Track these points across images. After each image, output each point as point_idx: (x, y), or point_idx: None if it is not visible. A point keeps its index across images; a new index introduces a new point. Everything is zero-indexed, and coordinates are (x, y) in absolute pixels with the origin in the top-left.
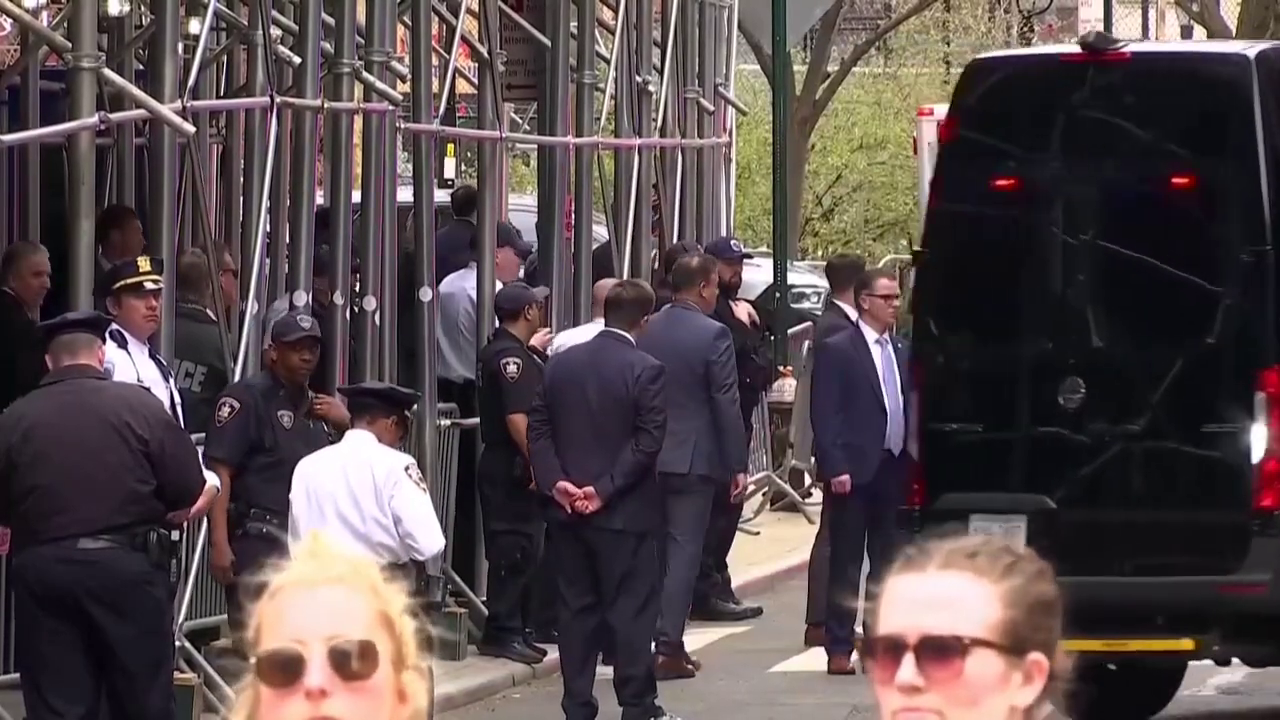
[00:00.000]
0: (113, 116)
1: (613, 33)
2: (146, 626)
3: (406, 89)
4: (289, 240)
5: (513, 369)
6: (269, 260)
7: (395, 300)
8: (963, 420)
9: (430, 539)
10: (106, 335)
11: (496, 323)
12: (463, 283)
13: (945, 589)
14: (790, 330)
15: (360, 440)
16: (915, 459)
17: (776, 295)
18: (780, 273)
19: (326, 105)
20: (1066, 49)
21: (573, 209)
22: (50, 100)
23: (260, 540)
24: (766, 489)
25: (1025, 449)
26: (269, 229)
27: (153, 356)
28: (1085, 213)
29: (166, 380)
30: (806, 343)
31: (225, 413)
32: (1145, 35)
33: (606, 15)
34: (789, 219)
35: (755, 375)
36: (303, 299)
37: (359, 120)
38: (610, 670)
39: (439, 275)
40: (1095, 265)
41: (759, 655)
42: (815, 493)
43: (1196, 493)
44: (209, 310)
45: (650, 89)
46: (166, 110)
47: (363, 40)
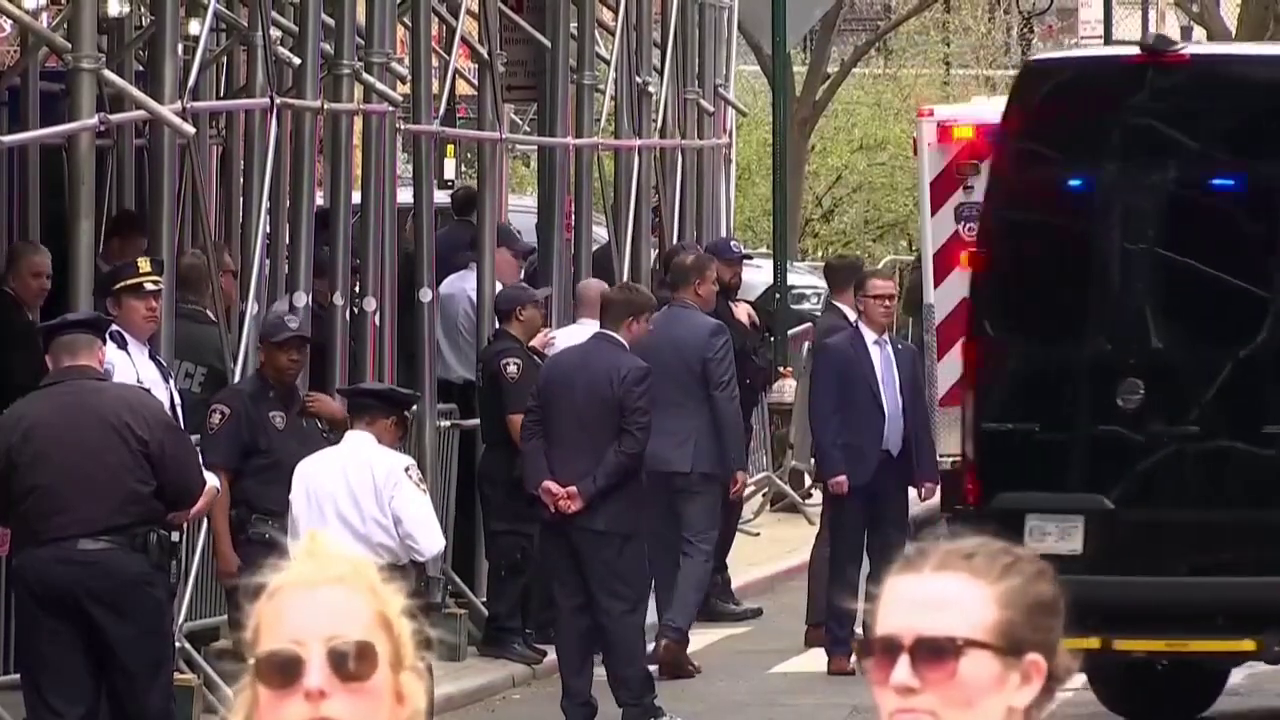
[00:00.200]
0: (113, 117)
1: (613, 33)
2: (146, 627)
3: (406, 90)
4: (289, 241)
5: (513, 369)
6: (269, 261)
7: (395, 301)
8: (1019, 420)
9: (430, 540)
10: (106, 336)
11: (496, 323)
12: (462, 283)
13: (941, 590)
14: (790, 331)
15: (360, 441)
16: (970, 459)
17: (776, 296)
18: (780, 273)
19: (326, 106)
20: (1126, 51)
21: (573, 210)
22: (50, 101)
23: (262, 545)
24: (766, 490)
25: (1083, 449)
26: (269, 230)
27: (153, 357)
28: (1143, 214)
29: (166, 381)
30: (806, 344)
31: (216, 419)
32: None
33: (606, 16)
34: (789, 220)
35: (755, 376)
36: (303, 300)
37: (359, 121)
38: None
39: (439, 276)
40: (1154, 267)
41: (759, 656)
42: (815, 494)
43: (1256, 493)
44: (209, 311)
45: (650, 90)
46: (166, 111)
47: (363, 41)
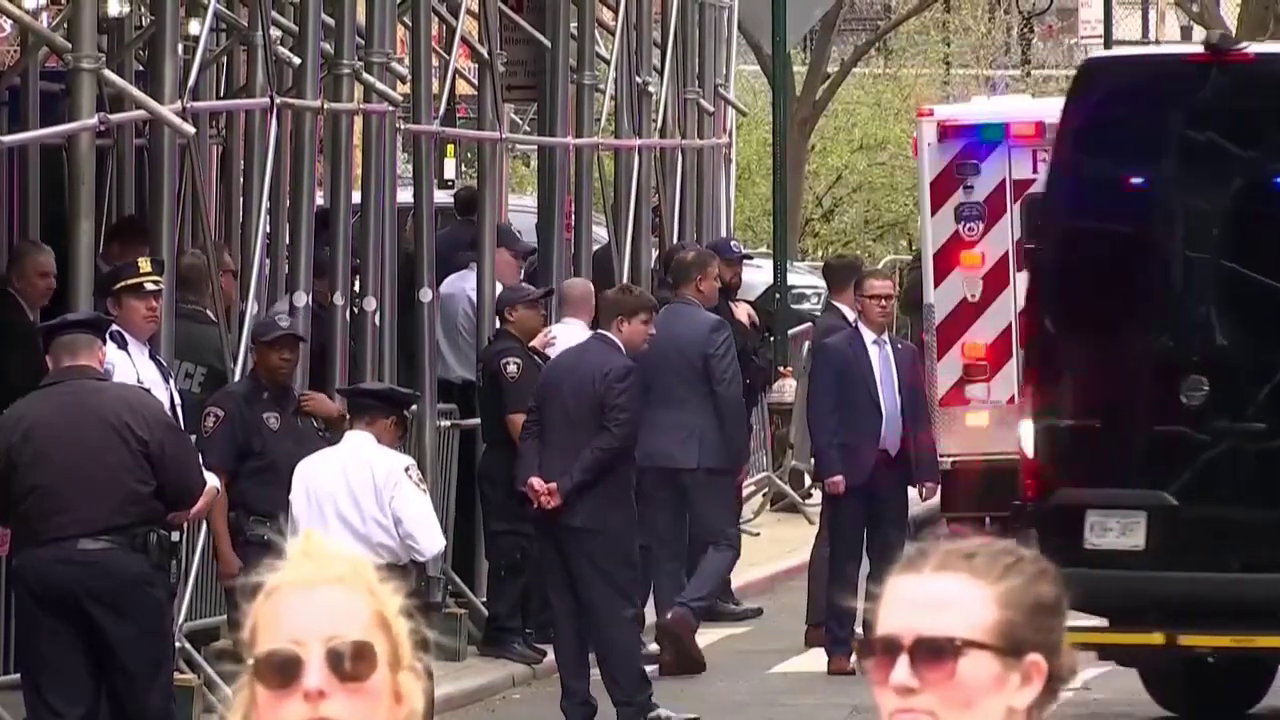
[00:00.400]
0: (113, 117)
1: (613, 33)
2: (146, 627)
3: (406, 90)
4: (289, 241)
5: (512, 369)
6: (269, 261)
7: (395, 301)
8: (1079, 416)
9: (431, 540)
10: (107, 336)
11: (497, 324)
12: (462, 283)
13: (941, 590)
14: (790, 331)
15: (360, 441)
16: (1029, 455)
17: (776, 296)
18: (780, 273)
19: (326, 106)
20: (1189, 49)
21: (573, 210)
22: (50, 101)
23: (261, 547)
24: (766, 490)
25: (1145, 445)
26: (269, 229)
27: (153, 357)
28: (1206, 213)
29: (167, 381)
30: (806, 343)
31: (210, 422)
32: (1145, 36)
33: (606, 16)
34: (789, 220)
35: (755, 376)
36: (303, 300)
37: (359, 121)
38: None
39: (442, 275)
40: (1217, 265)
41: (759, 656)
42: (815, 493)
43: None
44: (209, 311)
45: (650, 90)
46: (166, 111)
47: (363, 41)
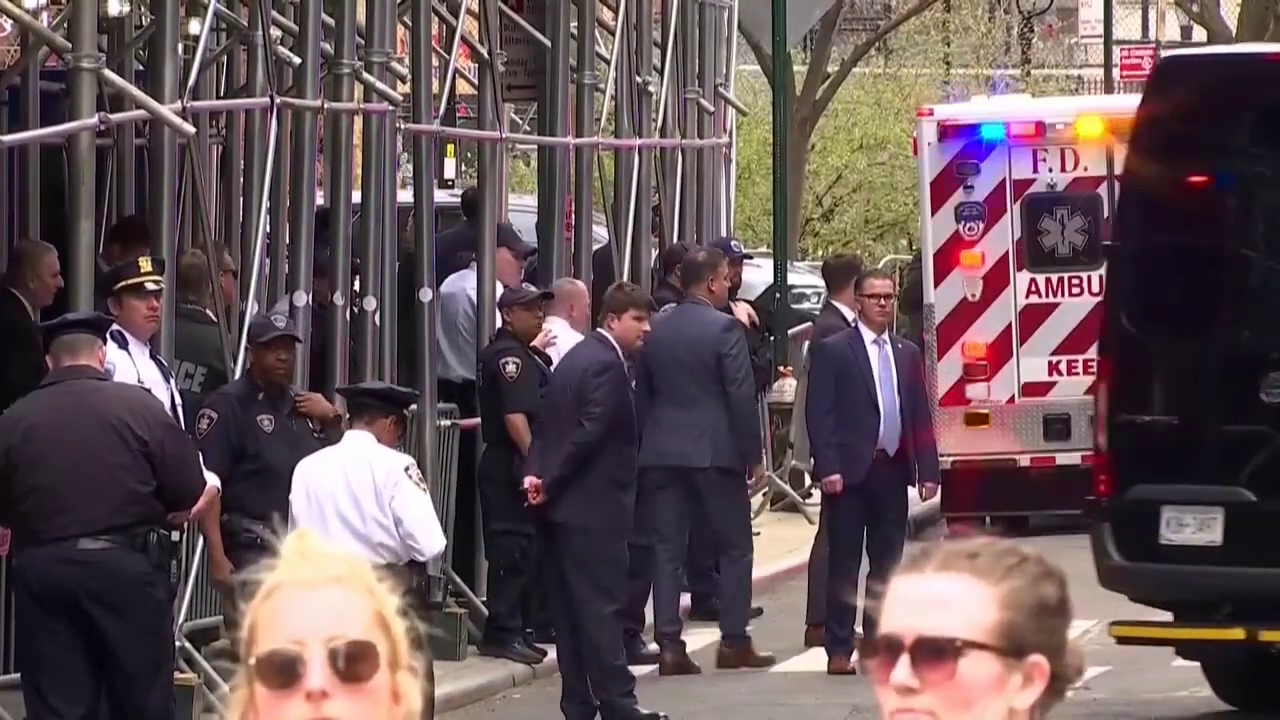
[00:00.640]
0: (113, 117)
1: (613, 33)
2: (146, 627)
3: (406, 89)
4: (289, 241)
5: (511, 369)
6: (269, 261)
7: (395, 300)
8: (1155, 413)
9: (431, 539)
10: (107, 336)
11: (498, 323)
12: (462, 283)
13: (942, 590)
14: (790, 330)
15: (360, 441)
16: (1103, 451)
17: (776, 295)
18: (780, 273)
19: (326, 106)
20: (1266, 48)
21: (573, 209)
22: (50, 101)
23: (255, 550)
24: (767, 489)
25: (1223, 442)
26: (269, 229)
27: (153, 357)
28: None
29: (167, 381)
30: (806, 343)
31: (204, 424)
32: (1145, 36)
33: (606, 16)
34: (789, 219)
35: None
36: (303, 299)
37: (359, 121)
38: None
39: (444, 275)
40: None
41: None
42: (815, 493)
43: None
44: (209, 311)
45: (650, 89)
46: (166, 111)
47: (363, 41)
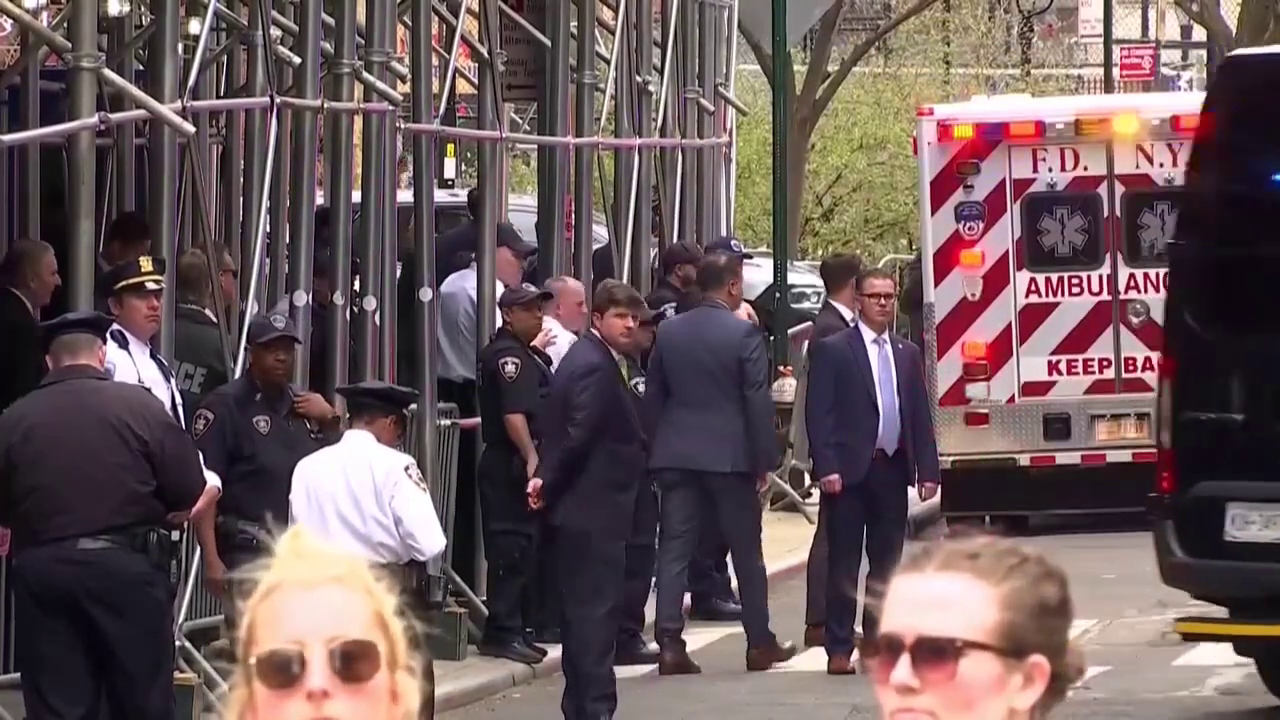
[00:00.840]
0: (113, 117)
1: (613, 33)
2: (146, 627)
3: (406, 89)
4: (289, 240)
5: (511, 369)
6: (269, 260)
7: (395, 300)
8: (1219, 410)
9: (431, 539)
10: (107, 336)
11: (499, 322)
12: (463, 283)
13: (943, 590)
14: (790, 330)
15: (359, 440)
16: (1167, 448)
17: (776, 295)
18: (780, 273)
19: (326, 105)
20: None
21: (573, 209)
22: (50, 100)
23: (249, 550)
24: (767, 489)
25: None
26: (269, 229)
27: (154, 357)
28: None
29: (167, 381)
30: (806, 343)
31: (201, 425)
32: (1145, 35)
33: (606, 15)
34: (789, 219)
35: None
36: (303, 299)
37: (359, 120)
38: (619, 670)
39: (447, 275)
40: None
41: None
42: (815, 493)
43: None
44: (208, 311)
45: (650, 89)
46: (166, 110)
47: (363, 40)
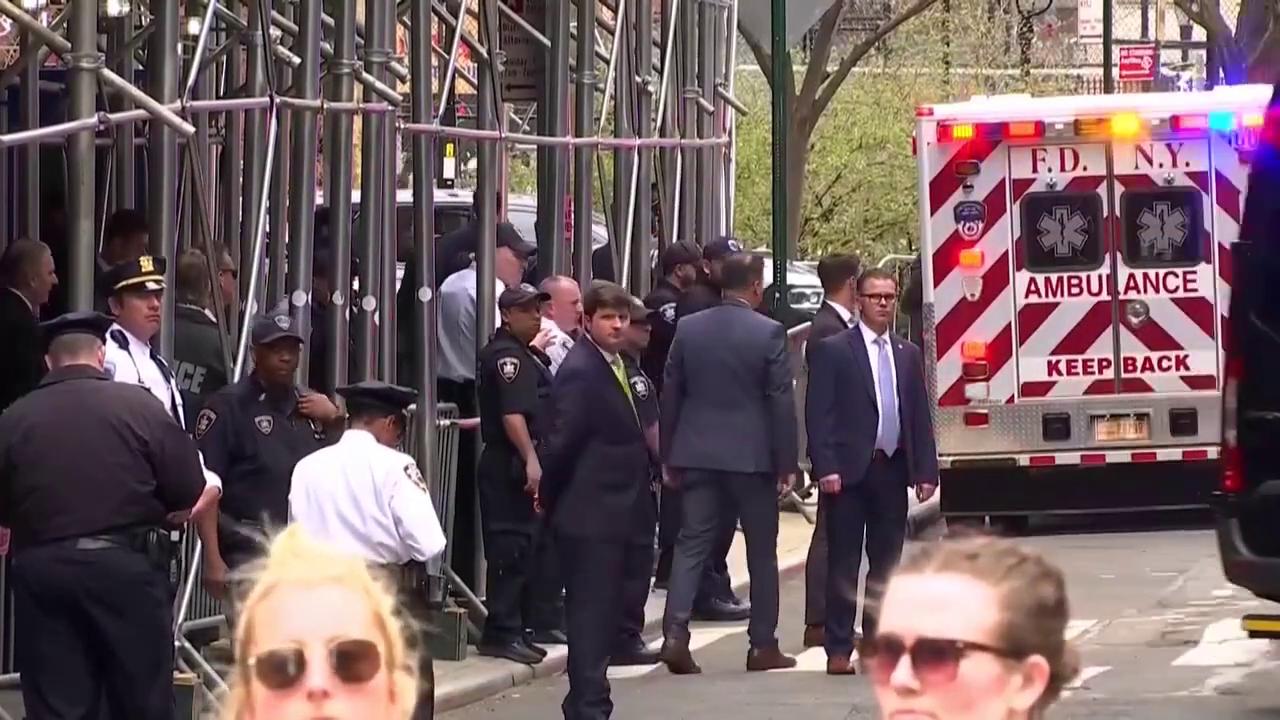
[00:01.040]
0: (112, 117)
1: (612, 33)
2: (146, 627)
3: (406, 89)
4: (289, 240)
5: (510, 369)
6: (269, 260)
7: (394, 300)
8: None
9: (431, 539)
10: (107, 336)
11: (499, 322)
12: (463, 283)
13: (942, 591)
14: (789, 331)
15: (359, 440)
16: (1232, 446)
17: (776, 295)
18: (779, 273)
19: (326, 106)
20: None
21: (572, 209)
22: (50, 100)
23: (244, 550)
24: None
25: None
26: (269, 229)
27: (154, 357)
28: None
29: (168, 381)
30: (805, 343)
31: (203, 425)
32: (1145, 35)
33: (606, 15)
34: (788, 219)
35: None
36: (302, 299)
37: (359, 120)
38: (619, 670)
39: (448, 275)
40: None
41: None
42: (814, 493)
43: None
44: (208, 311)
45: (650, 89)
46: (166, 110)
47: (362, 40)
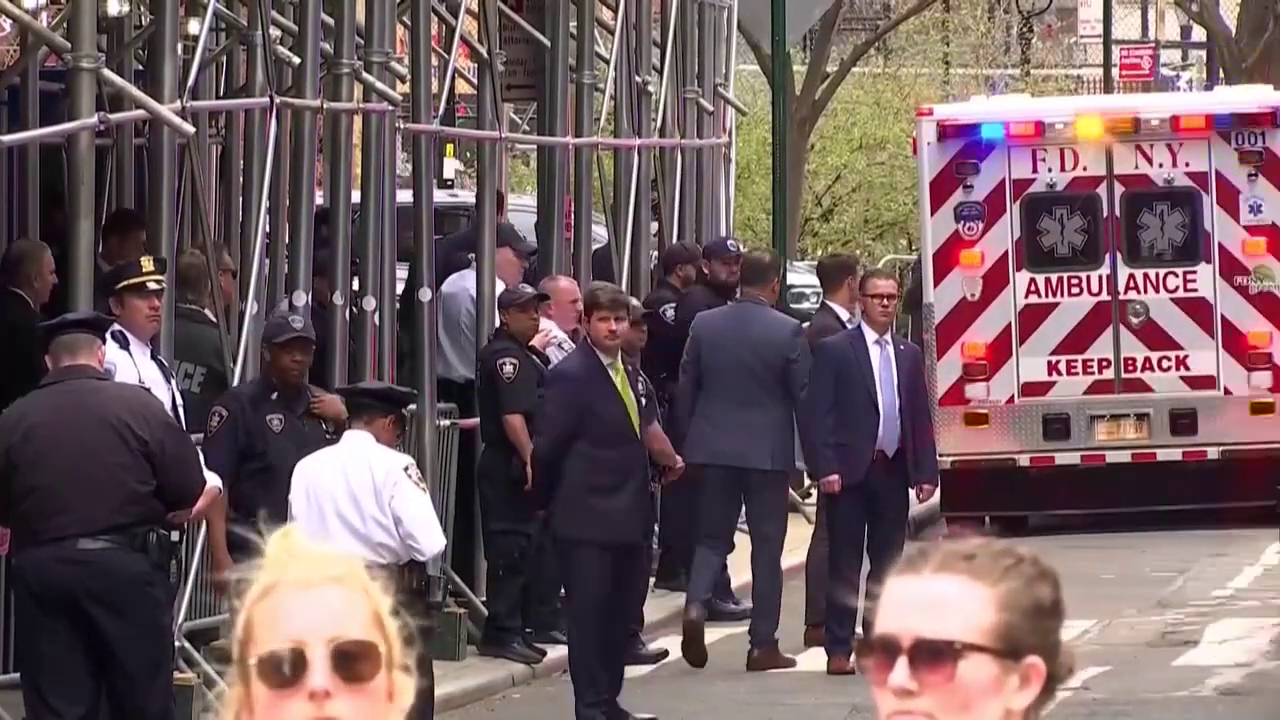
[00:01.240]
0: (112, 117)
1: (612, 33)
2: (146, 627)
3: (406, 89)
4: (289, 240)
5: (509, 369)
6: (269, 260)
7: (394, 300)
8: None
9: (431, 539)
10: (108, 336)
11: (497, 322)
12: (464, 283)
13: (940, 592)
14: None
15: (359, 440)
16: None
17: None
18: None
19: (326, 106)
20: None
21: (572, 209)
22: (50, 100)
23: (241, 550)
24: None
25: None
26: (269, 229)
27: (154, 357)
28: None
29: (168, 381)
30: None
31: (215, 422)
32: (1145, 35)
33: (606, 15)
34: (788, 219)
35: None
36: (302, 299)
37: (358, 121)
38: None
39: (448, 276)
40: None
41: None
42: (814, 493)
43: None
44: (208, 311)
45: (650, 89)
46: (166, 111)
47: (362, 40)
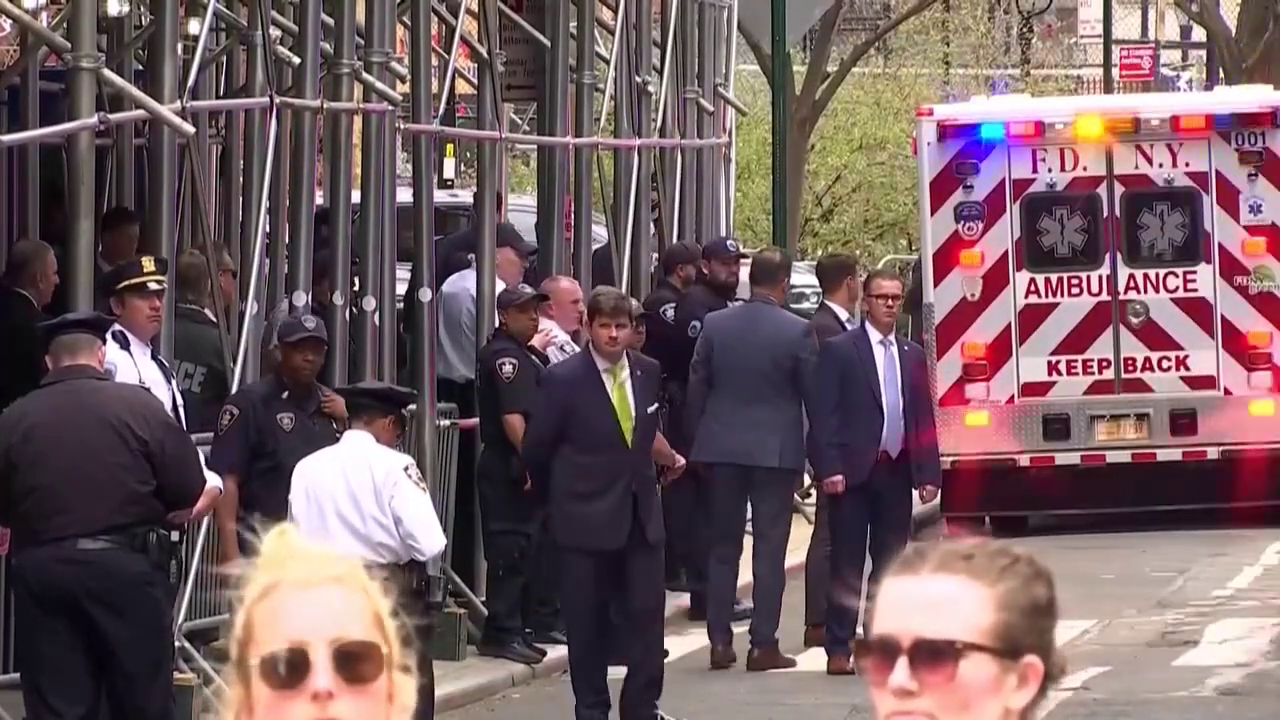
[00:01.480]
0: (112, 117)
1: (612, 33)
2: (146, 627)
3: (406, 89)
4: (289, 240)
5: (508, 369)
6: (269, 260)
7: (394, 300)
8: None
9: (431, 539)
10: (108, 336)
11: (496, 322)
12: (464, 283)
13: (939, 592)
14: None
15: (359, 440)
16: None
17: None
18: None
19: (326, 106)
20: None
21: (572, 209)
22: (50, 100)
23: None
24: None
25: None
26: (269, 229)
27: (154, 357)
28: None
29: (168, 381)
30: None
31: (226, 420)
32: (1145, 35)
33: (606, 15)
34: (788, 219)
35: None
36: (302, 299)
37: (358, 121)
38: (620, 670)
39: (451, 274)
40: None
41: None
42: (814, 493)
43: None
44: (208, 311)
45: (650, 89)
46: (166, 111)
47: (362, 41)
